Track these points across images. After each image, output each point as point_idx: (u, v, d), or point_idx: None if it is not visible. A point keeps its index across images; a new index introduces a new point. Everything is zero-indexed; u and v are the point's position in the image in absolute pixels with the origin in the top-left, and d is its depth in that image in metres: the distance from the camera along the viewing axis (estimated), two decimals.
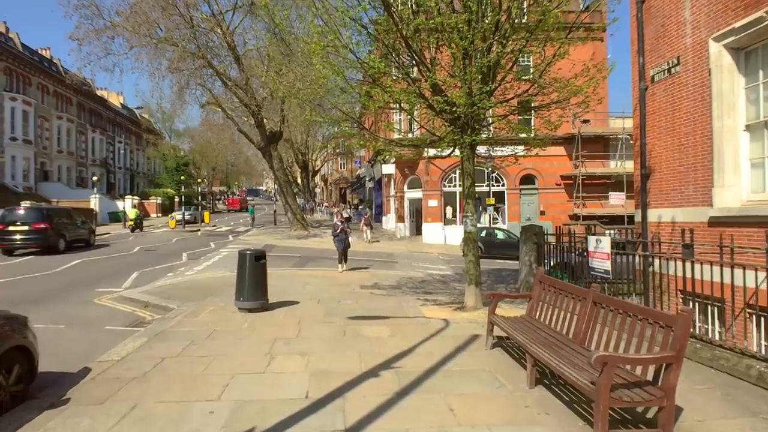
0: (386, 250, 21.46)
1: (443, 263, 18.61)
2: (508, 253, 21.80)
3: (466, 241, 8.20)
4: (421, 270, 15.66)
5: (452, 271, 16.11)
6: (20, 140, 37.13)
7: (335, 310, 8.20)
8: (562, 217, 27.17)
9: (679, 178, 9.36)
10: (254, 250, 8.07)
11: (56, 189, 39.77)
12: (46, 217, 17.17)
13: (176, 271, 13.44)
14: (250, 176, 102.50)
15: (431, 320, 7.41)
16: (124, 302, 9.29)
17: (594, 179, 26.73)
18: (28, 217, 16.94)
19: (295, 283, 11.43)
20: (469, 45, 6.62)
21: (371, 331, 6.74)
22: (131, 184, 58.50)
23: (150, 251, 18.82)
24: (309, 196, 54.14)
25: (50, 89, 42.42)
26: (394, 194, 29.69)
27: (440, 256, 21.19)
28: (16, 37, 40.38)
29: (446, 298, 9.74)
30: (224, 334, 6.52)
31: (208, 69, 24.88)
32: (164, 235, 26.41)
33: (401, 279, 12.58)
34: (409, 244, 25.36)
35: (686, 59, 9.14)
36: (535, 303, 5.79)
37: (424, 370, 5.06)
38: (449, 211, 27.35)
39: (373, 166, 38.21)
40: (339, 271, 13.24)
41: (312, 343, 6.11)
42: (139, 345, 6.01)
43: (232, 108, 28.67)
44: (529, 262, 10.08)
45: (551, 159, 27.30)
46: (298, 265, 15.64)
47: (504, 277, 15.05)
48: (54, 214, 18.10)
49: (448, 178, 27.32)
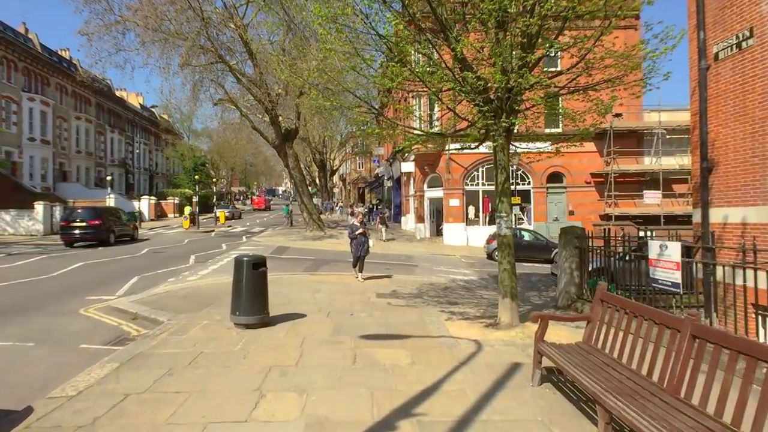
0: (405, 252, 20.26)
1: (466, 267, 17.31)
2: (536, 256, 20.38)
3: (500, 247, 6.94)
4: (443, 275, 14.42)
5: (477, 275, 14.82)
6: (38, 140, 37.07)
7: (346, 326, 7.05)
8: (592, 217, 25.56)
9: (752, 171, 7.92)
10: (252, 257, 6.96)
11: (74, 189, 39.68)
12: (99, 215, 20.56)
13: (179, 276, 12.48)
14: (270, 176, 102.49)
15: (459, 341, 6.19)
16: (111, 313, 8.30)
17: (627, 177, 25.03)
18: (85, 216, 20.31)
19: (304, 290, 10.33)
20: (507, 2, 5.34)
21: (387, 356, 5.55)
22: (150, 184, 58.54)
23: (158, 253, 18.00)
24: (327, 195, 53.28)
25: (69, 89, 42.40)
26: (414, 193, 28.43)
27: (462, 259, 19.90)
28: (35, 38, 40.46)
29: (474, 310, 8.50)
30: (210, 359, 5.42)
31: (220, 65, 24.09)
32: (176, 236, 25.69)
33: (422, 286, 11.36)
34: (429, 245, 24.09)
35: (763, 30, 7.72)
36: (596, 327, 4.53)
37: (455, 419, 3.84)
38: (471, 211, 25.98)
39: (392, 164, 37.04)
40: (354, 278, 11.96)
41: (314, 373, 4.96)
42: (106, 374, 4.95)
43: (248, 106, 27.89)
44: (570, 270, 8.76)
45: (580, 155, 25.70)
46: (311, 269, 14.54)
47: (534, 283, 13.70)
48: (105, 213, 21.58)
49: (470, 177, 25.95)
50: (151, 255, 17.38)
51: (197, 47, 22.28)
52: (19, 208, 26.98)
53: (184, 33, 21.50)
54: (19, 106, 35.42)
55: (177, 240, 23.55)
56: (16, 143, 35.17)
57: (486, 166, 25.80)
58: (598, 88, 6.99)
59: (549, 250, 20.21)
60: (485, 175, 25.84)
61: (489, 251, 20.32)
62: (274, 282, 11.43)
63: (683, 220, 24.72)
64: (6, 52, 34.33)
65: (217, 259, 15.93)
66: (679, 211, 24.61)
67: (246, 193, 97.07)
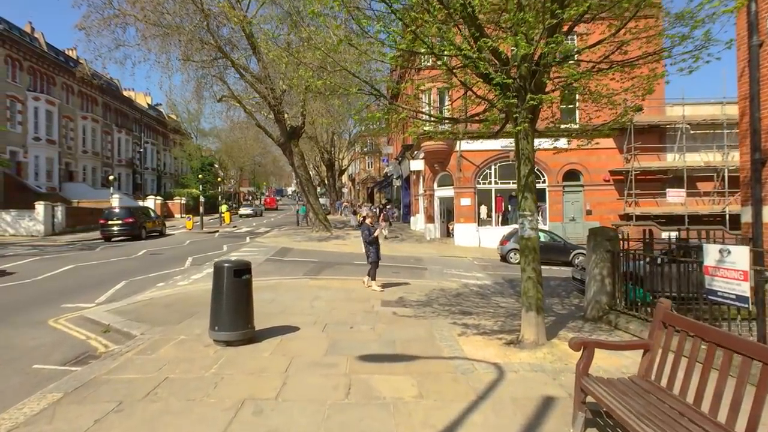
0: (414, 254, 19.23)
1: (479, 270, 16.25)
2: (553, 258, 19.23)
3: (523, 251, 5.90)
4: (455, 279, 13.38)
5: (491, 280, 13.75)
6: (44, 140, 36.65)
7: (343, 343, 6.06)
8: (611, 217, 24.33)
9: None
10: (234, 263, 5.99)
11: (80, 189, 39.27)
12: (132, 214, 23.68)
13: (169, 281, 11.59)
14: (280, 177, 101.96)
15: (476, 365, 5.17)
16: (83, 324, 7.40)
17: (648, 174, 23.74)
18: (121, 215, 23.37)
19: (302, 297, 9.36)
20: None
21: (389, 386, 4.54)
22: (158, 184, 58.15)
23: (155, 255, 17.19)
24: (336, 195, 52.31)
25: (75, 89, 42.00)
26: (423, 192, 27.37)
27: (475, 262, 18.83)
28: (41, 37, 40.13)
29: (491, 322, 7.46)
30: (173, 389, 4.47)
31: (223, 60, 23.31)
32: (179, 237, 24.92)
33: (432, 292, 10.35)
34: (439, 246, 23.04)
35: None
36: (658, 357, 3.49)
37: None
38: (483, 211, 24.86)
39: (401, 163, 36.04)
40: (365, 285, 10.71)
41: (296, 411, 3.98)
42: (42, 408, 4.01)
43: (252, 104, 27.09)
44: (601, 276, 7.68)
45: (599, 152, 24.43)
46: (313, 272, 13.59)
47: (554, 288, 12.62)
48: (138, 211, 24.90)
49: (482, 175, 24.84)
50: (147, 257, 16.56)
51: (197, 41, 21.48)
52: (23, 208, 26.43)
53: (184, 27, 20.70)
54: (24, 105, 35.01)
55: (179, 241, 22.77)
56: (21, 143, 34.76)
57: (499, 164, 24.69)
58: (639, 63, 5.94)
59: (567, 251, 19.06)
60: (498, 173, 24.72)
61: (503, 253, 19.23)
62: (271, 288, 10.52)
63: (708, 220, 23.34)
64: (11, 51, 33.91)
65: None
66: (704, 210, 23.25)
67: (255, 193, 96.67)
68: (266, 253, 17.52)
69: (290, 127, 27.09)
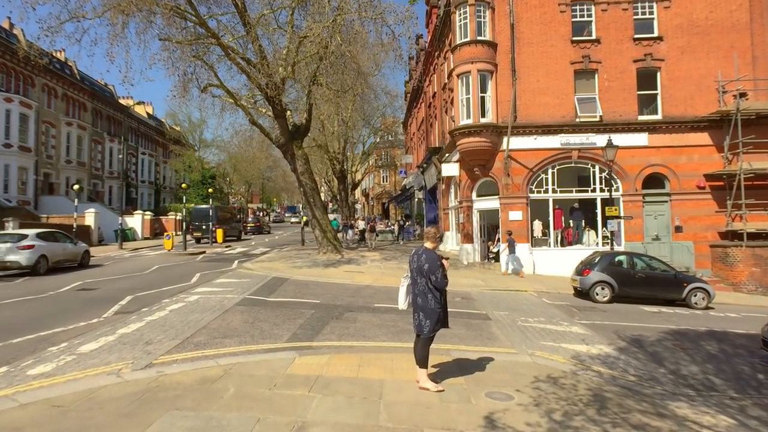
0: (457, 288, 13.56)
1: (565, 316, 10.63)
2: (658, 295, 13.58)
3: None
4: (548, 341, 7.83)
5: (606, 341, 8.15)
6: (16, 147, 32.05)
7: None
8: (709, 234, 18.58)
9: None
10: None
11: (60, 203, 34.43)
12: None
13: (19, 365, 6.21)
14: (291, 193, 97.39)
15: None
16: None
17: (761, 179, 17.93)
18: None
19: (267, 424, 3.88)
20: None
21: None
22: (156, 199, 53.52)
23: (86, 290, 11.88)
24: (348, 211, 46.91)
25: (59, 92, 37.66)
26: (458, 204, 21.82)
27: (543, 299, 13.23)
28: (20, 33, 35.97)
29: None
30: None
31: (211, 46, 18.34)
32: (147, 262, 19.54)
33: (537, 389, 4.85)
34: (485, 275, 17.42)
35: None
36: None
37: None
38: (537, 228, 19.24)
39: (425, 172, 30.62)
40: (422, 381, 5.23)
41: None
42: None
43: (252, 102, 22.05)
44: None
45: (689, 151, 18.83)
46: (307, 333, 8.07)
47: (716, 358, 7.02)
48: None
49: (536, 180, 19.28)
50: (72, 293, 11.27)
51: (175, 10, 16.50)
52: None
53: None
54: None
55: (142, 267, 17.45)
56: None
57: (558, 166, 19.13)
58: None
59: (679, 285, 13.33)
60: (557, 179, 19.15)
61: (584, 287, 13.50)
62: (201, 392, 4.72)
63: None
64: None
65: (154, 309, 9.57)
66: None
67: (266, 210, 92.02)
68: (246, 289, 12.09)
69: (293, 126, 21.95)
